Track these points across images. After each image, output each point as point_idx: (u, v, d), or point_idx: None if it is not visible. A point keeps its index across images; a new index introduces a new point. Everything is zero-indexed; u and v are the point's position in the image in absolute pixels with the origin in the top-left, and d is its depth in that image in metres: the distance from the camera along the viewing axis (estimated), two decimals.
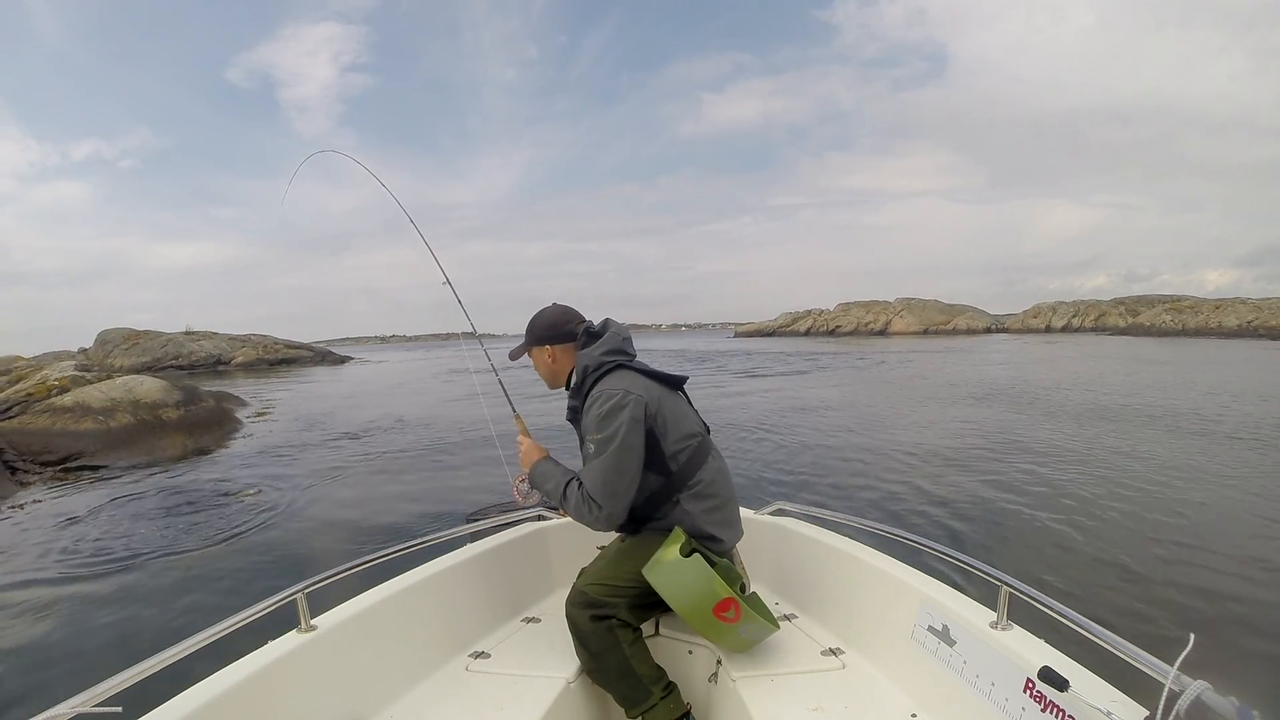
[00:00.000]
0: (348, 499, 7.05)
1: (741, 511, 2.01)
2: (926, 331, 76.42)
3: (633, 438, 1.68)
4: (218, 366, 40.15)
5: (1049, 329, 74.33)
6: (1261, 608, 3.68)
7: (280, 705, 1.46)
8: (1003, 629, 1.48)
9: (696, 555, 1.67)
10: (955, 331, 76.09)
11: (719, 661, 1.86)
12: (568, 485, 1.79)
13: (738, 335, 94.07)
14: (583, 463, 1.79)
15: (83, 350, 38.98)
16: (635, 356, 1.87)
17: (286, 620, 1.61)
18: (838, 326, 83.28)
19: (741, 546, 1.98)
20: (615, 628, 1.74)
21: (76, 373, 13.00)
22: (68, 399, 11.32)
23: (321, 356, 47.17)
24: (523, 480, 2.01)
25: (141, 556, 5.22)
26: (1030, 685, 1.32)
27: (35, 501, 7.62)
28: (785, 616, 2.12)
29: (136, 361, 35.77)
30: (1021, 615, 1.50)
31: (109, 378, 12.97)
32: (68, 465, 9.51)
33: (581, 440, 1.82)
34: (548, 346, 1.91)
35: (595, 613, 1.75)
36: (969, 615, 1.57)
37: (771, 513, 2.41)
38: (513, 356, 2.01)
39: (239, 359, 42.18)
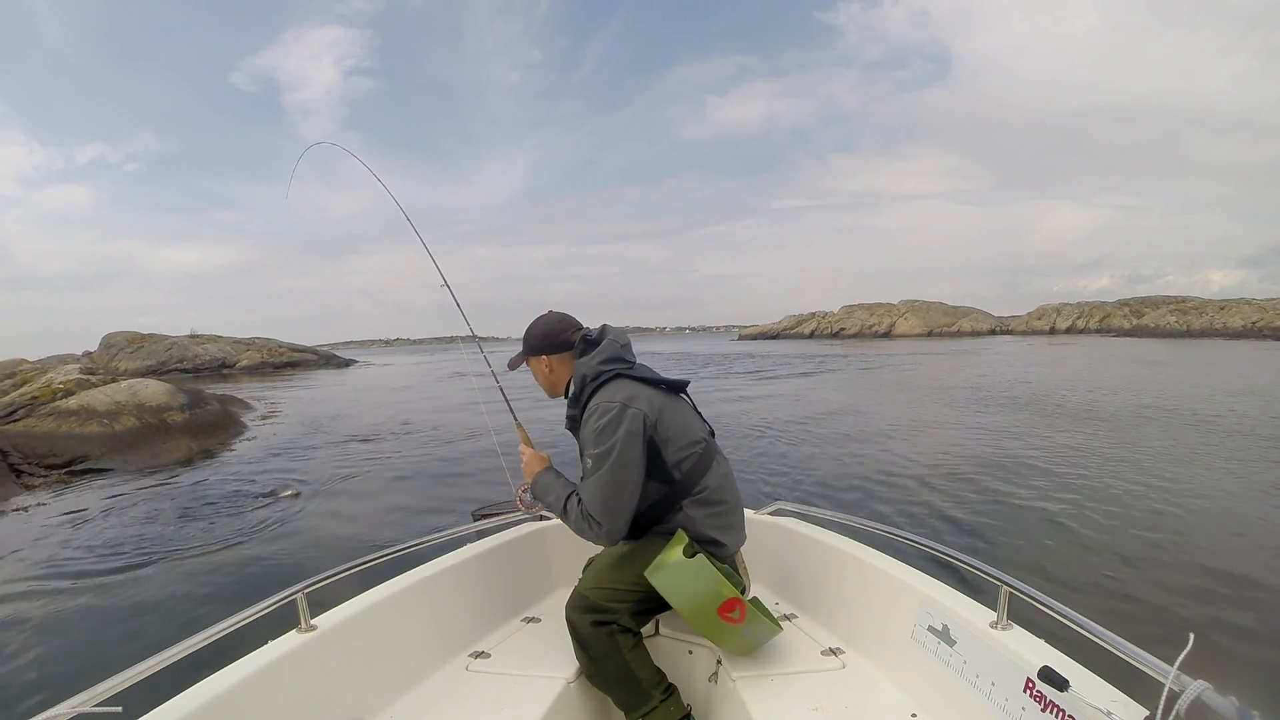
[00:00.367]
0: (353, 503, 7.05)
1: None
2: (931, 334, 76.30)
3: (631, 452, 1.65)
4: (222, 370, 40.25)
5: (1053, 331, 74.04)
6: (1262, 608, 3.66)
7: (280, 705, 1.46)
8: (1003, 629, 1.48)
9: (700, 555, 1.65)
10: (959, 334, 75.93)
11: (719, 661, 1.85)
12: (568, 500, 1.77)
13: (741, 338, 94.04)
14: (582, 476, 1.77)
15: (87, 354, 39.08)
16: (635, 363, 1.84)
17: (286, 620, 1.61)
18: (842, 329, 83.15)
19: (742, 547, 1.96)
20: (616, 633, 1.72)
21: (81, 376, 13.07)
22: (73, 402, 11.37)
23: (326, 360, 47.25)
24: (525, 490, 2.00)
25: (147, 559, 5.23)
26: (1030, 685, 1.31)
27: (40, 504, 7.64)
28: (785, 616, 2.11)
29: (141, 365, 35.87)
30: (1021, 615, 1.50)
31: (114, 381, 13.03)
32: (73, 468, 9.53)
33: (581, 452, 1.79)
34: (544, 357, 1.89)
35: (596, 618, 1.73)
36: (969, 615, 1.56)
37: (771, 513, 2.41)
38: (511, 366, 1.99)
39: (243, 362, 42.28)
